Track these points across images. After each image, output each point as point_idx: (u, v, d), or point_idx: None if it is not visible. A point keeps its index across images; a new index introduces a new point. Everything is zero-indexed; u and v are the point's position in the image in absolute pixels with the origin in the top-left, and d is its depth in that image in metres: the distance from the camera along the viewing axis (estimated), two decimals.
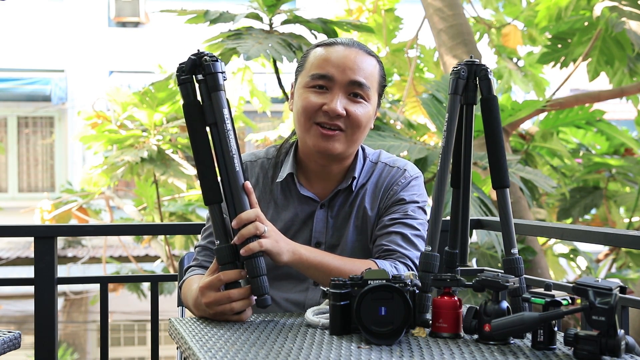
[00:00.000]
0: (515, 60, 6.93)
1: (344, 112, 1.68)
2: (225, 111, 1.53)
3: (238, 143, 1.56)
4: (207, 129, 1.55)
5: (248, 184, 1.55)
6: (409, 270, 1.68)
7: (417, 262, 1.69)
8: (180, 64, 1.54)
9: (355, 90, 1.70)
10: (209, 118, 1.53)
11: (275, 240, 1.55)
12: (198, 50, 1.55)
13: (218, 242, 1.54)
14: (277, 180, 1.79)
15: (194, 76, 1.54)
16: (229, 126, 1.53)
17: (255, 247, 1.51)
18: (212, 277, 1.53)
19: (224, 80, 1.55)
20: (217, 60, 1.53)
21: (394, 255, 1.70)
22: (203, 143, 1.53)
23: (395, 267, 1.66)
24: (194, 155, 1.54)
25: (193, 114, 1.53)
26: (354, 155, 1.80)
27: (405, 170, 1.79)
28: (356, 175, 1.77)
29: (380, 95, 1.79)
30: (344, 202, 1.78)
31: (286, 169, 1.78)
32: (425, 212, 1.80)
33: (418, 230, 1.74)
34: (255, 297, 1.53)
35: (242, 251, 1.52)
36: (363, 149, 1.84)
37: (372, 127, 1.79)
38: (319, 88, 1.70)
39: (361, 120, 1.70)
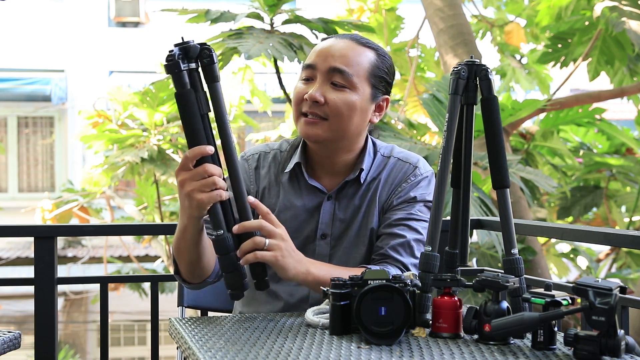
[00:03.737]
0: (518, 57, 6.92)
1: (322, 99, 1.68)
2: (223, 101, 1.52)
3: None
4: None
5: (252, 198, 1.53)
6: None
7: (411, 269, 1.70)
8: (169, 54, 1.47)
9: (334, 79, 1.69)
10: (203, 108, 1.50)
11: (281, 256, 1.51)
12: (182, 39, 1.50)
13: (219, 231, 1.49)
14: (286, 171, 1.79)
15: (183, 65, 1.48)
16: (227, 116, 1.52)
17: (250, 258, 1.49)
18: (181, 160, 1.49)
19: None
20: (213, 51, 1.52)
21: (387, 260, 1.71)
22: (201, 131, 1.48)
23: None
24: (189, 145, 1.48)
25: (190, 102, 1.48)
26: (360, 147, 1.79)
27: (416, 167, 1.79)
28: (364, 167, 1.77)
29: (376, 87, 1.75)
30: (353, 194, 1.78)
31: (295, 159, 1.79)
32: None
33: (420, 234, 1.74)
34: (256, 282, 1.53)
35: (241, 262, 1.50)
36: (374, 143, 1.83)
37: (370, 119, 1.76)
38: (306, 79, 1.73)
39: (341, 108, 1.69)
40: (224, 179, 1.51)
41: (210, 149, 1.47)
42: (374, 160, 1.80)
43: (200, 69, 1.51)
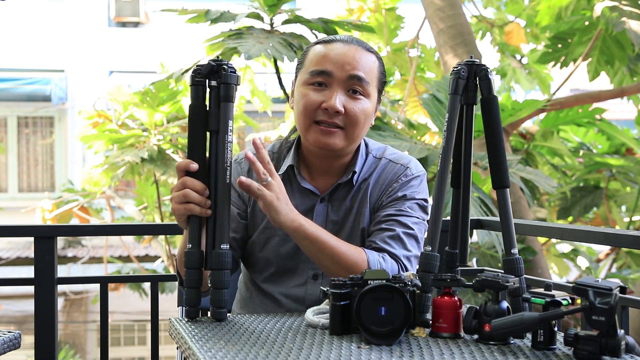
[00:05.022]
0: (518, 58, 6.92)
1: (343, 109, 1.69)
2: (231, 123, 1.54)
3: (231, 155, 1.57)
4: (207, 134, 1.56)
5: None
6: (397, 264, 1.69)
7: (404, 260, 1.69)
8: (197, 66, 1.55)
9: (354, 86, 1.70)
10: (212, 124, 1.54)
11: (277, 198, 1.55)
12: (218, 57, 1.56)
13: (190, 245, 1.54)
14: (279, 173, 1.79)
15: (207, 81, 1.55)
16: (230, 138, 1.54)
17: (254, 187, 1.51)
18: None
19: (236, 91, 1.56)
20: (235, 72, 1.54)
21: (379, 252, 1.71)
22: (200, 146, 1.55)
23: (382, 257, 1.67)
24: (187, 156, 1.55)
25: (197, 116, 1.54)
26: (355, 150, 1.80)
27: (407, 167, 1.79)
28: (356, 169, 1.77)
29: (380, 91, 1.79)
30: (344, 196, 1.78)
31: (287, 162, 1.80)
32: (425, 211, 1.79)
33: (411, 229, 1.74)
34: (214, 308, 1.53)
35: (240, 180, 1.50)
36: (366, 144, 1.84)
37: (373, 123, 1.80)
38: (318, 85, 1.71)
39: (360, 118, 1.71)
40: (209, 197, 1.54)
41: (194, 165, 1.53)
42: (365, 161, 1.81)
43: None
